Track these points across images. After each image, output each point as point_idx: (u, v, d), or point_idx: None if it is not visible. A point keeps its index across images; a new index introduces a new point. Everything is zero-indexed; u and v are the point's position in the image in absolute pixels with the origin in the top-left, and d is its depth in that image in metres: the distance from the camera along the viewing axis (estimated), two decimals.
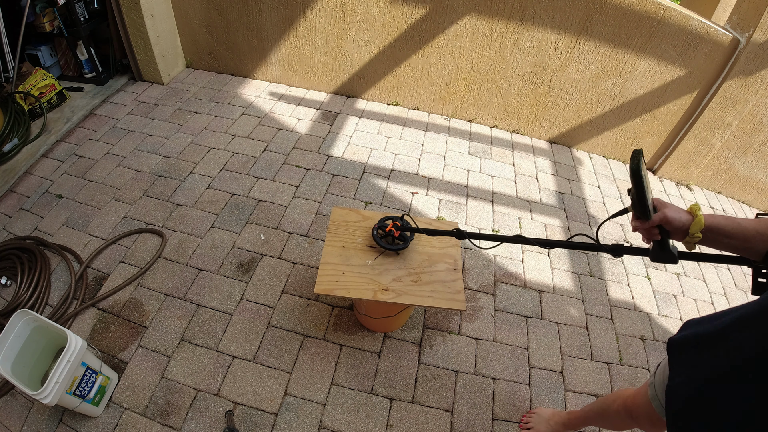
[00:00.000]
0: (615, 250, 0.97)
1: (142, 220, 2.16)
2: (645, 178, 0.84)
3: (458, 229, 1.26)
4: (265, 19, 2.89)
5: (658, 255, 0.90)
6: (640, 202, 0.85)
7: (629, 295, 2.20)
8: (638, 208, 0.87)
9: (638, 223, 0.89)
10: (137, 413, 1.52)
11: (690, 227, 0.84)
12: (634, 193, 0.86)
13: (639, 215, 0.88)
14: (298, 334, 1.80)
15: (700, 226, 0.83)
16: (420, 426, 1.59)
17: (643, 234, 0.90)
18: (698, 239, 0.85)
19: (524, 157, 2.97)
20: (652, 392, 1.01)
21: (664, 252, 0.89)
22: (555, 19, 2.57)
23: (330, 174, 2.56)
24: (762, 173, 2.97)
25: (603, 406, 1.31)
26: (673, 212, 0.85)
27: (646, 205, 0.85)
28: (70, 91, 2.88)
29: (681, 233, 0.86)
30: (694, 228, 0.84)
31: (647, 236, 0.90)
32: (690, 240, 0.86)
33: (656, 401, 0.99)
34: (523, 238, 1.12)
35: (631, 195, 0.88)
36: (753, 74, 2.49)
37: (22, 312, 1.36)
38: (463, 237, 1.24)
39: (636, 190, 0.85)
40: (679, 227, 0.85)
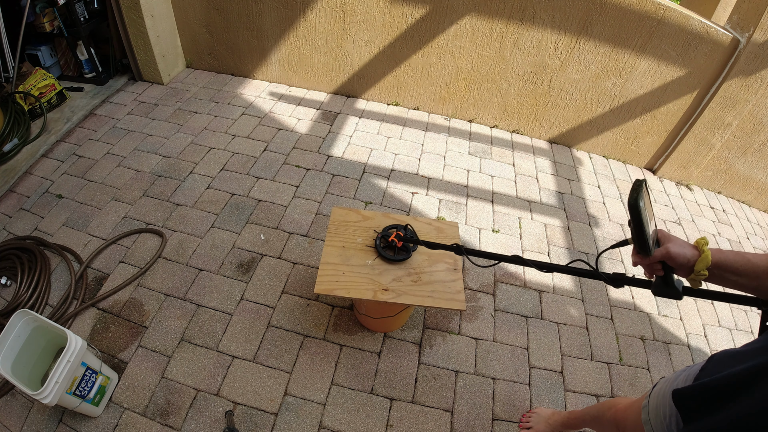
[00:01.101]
0: (615, 280, 0.92)
1: (142, 220, 2.16)
2: (644, 212, 0.78)
3: (458, 245, 1.26)
4: (265, 19, 2.89)
5: (660, 290, 0.83)
6: (639, 238, 0.80)
7: (629, 295, 2.20)
8: (637, 243, 0.81)
9: (638, 258, 0.83)
10: (137, 413, 1.52)
11: (696, 264, 0.78)
12: (633, 227, 0.80)
13: (639, 250, 0.82)
14: (298, 334, 1.80)
15: (706, 263, 0.77)
16: (420, 426, 1.59)
17: (645, 269, 0.85)
18: (704, 277, 0.78)
19: (524, 157, 2.97)
20: (645, 416, 0.95)
21: (667, 287, 0.82)
22: (555, 19, 2.57)
23: (330, 174, 2.56)
24: (762, 173, 2.97)
25: (599, 411, 1.31)
26: (677, 247, 0.79)
27: (645, 240, 0.79)
28: (70, 91, 2.88)
29: (686, 270, 0.80)
30: (700, 265, 0.77)
31: (649, 271, 0.84)
32: (695, 277, 0.79)
33: (648, 426, 0.93)
34: (521, 259, 1.08)
35: (631, 228, 0.82)
36: (753, 74, 2.49)
37: (22, 312, 1.36)
38: (461, 253, 1.23)
39: (634, 224, 0.79)
40: (684, 264, 0.79)
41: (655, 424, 0.91)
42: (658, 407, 0.91)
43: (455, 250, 1.25)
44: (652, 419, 0.93)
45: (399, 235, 1.50)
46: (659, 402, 0.91)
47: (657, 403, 0.92)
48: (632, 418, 1.04)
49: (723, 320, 2.22)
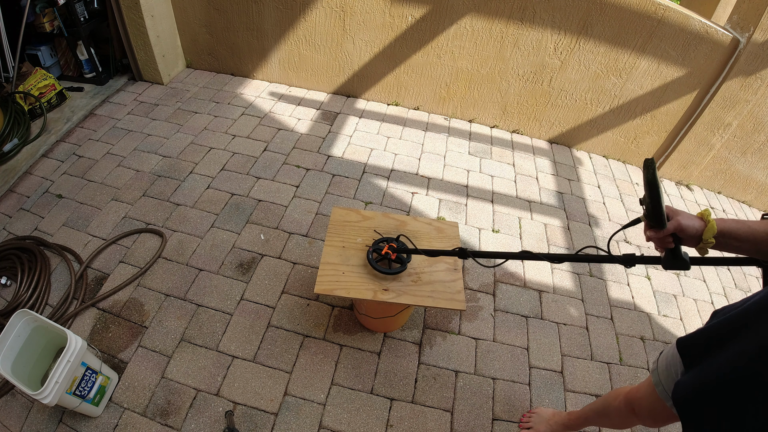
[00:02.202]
0: (627, 260, 0.96)
1: (142, 220, 2.16)
2: (660, 188, 0.85)
3: (461, 248, 1.22)
4: (265, 19, 2.89)
5: (670, 263, 0.90)
6: (656, 212, 0.85)
7: (629, 295, 2.20)
8: (653, 217, 0.86)
9: (652, 233, 0.89)
10: (137, 413, 1.52)
11: (703, 233, 0.85)
12: (649, 202, 0.86)
13: (653, 225, 0.87)
14: (298, 334, 1.80)
15: (713, 231, 0.84)
16: (420, 426, 1.59)
17: (657, 243, 0.90)
18: (712, 245, 0.85)
19: (524, 157, 2.97)
20: (655, 378, 1.02)
21: (676, 259, 0.89)
22: (555, 19, 2.57)
23: (330, 174, 2.56)
24: (762, 173, 2.97)
25: (604, 404, 1.32)
26: (686, 220, 0.86)
27: (661, 214, 0.85)
28: (70, 91, 2.88)
29: (694, 240, 0.87)
30: (708, 234, 0.84)
31: (661, 245, 0.90)
32: (703, 246, 0.86)
33: (660, 387, 1.00)
34: (530, 254, 1.09)
35: (645, 204, 0.87)
36: (753, 74, 2.49)
37: (22, 312, 1.36)
38: (466, 257, 1.20)
39: (651, 200, 0.85)
40: (693, 234, 0.86)
41: (666, 382, 0.97)
42: (669, 367, 0.97)
43: (459, 254, 1.22)
44: (662, 380, 0.99)
45: (392, 247, 1.45)
46: (669, 362, 0.98)
47: (666, 363, 0.98)
48: (646, 391, 1.08)
49: None
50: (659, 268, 2.38)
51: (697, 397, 0.81)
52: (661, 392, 0.99)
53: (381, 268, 1.46)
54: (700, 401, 0.81)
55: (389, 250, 1.44)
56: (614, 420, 1.27)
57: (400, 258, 1.48)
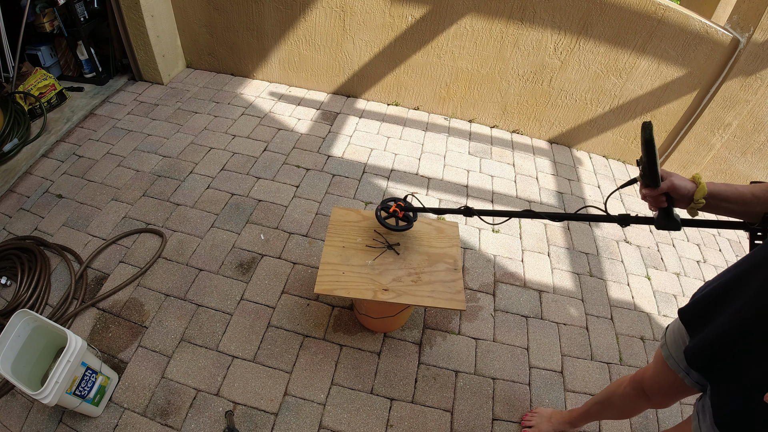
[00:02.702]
0: (622, 220, 1.03)
1: (142, 220, 2.16)
2: (656, 148, 0.89)
3: (467, 207, 1.29)
4: (265, 19, 2.89)
5: (662, 222, 0.95)
6: (651, 170, 0.89)
7: (629, 295, 2.20)
8: (649, 176, 0.90)
9: (648, 191, 0.94)
10: (137, 413, 1.52)
11: (694, 194, 0.90)
12: (645, 161, 0.90)
13: (649, 183, 0.92)
14: (298, 334, 1.80)
15: (703, 192, 0.89)
16: (420, 426, 1.59)
17: (651, 202, 0.95)
18: (702, 205, 0.91)
19: (524, 157, 2.97)
20: (665, 352, 1.04)
21: (668, 219, 0.94)
22: (555, 19, 2.57)
23: (330, 174, 2.56)
24: (762, 173, 2.97)
25: (607, 393, 1.32)
26: (679, 180, 0.91)
27: (656, 172, 0.89)
28: (70, 91, 2.88)
29: (686, 200, 0.92)
30: (698, 194, 0.89)
31: (654, 204, 0.95)
32: (694, 206, 0.92)
33: (671, 360, 1.02)
34: (533, 213, 1.16)
35: (641, 164, 0.92)
36: (753, 74, 2.49)
37: (22, 312, 1.36)
38: (471, 214, 1.26)
39: (648, 159, 0.89)
40: (685, 194, 0.91)
41: (677, 354, 1.01)
42: (677, 339, 1.01)
43: (464, 212, 1.28)
44: (672, 352, 1.02)
45: (400, 206, 1.51)
46: (675, 335, 1.02)
47: (674, 336, 1.03)
48: (653, 367, 1.12)
49: None
50: (660, 268, 2.38)
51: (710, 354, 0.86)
52: (672, 364, 1.02)
53: (389, 224, 1.51)
54: (714, 357, 0.85)
55: (397, 209, 1.49)
56: (619, 408, 1.28)
57: (407, 216, 1.53)
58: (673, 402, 1.14)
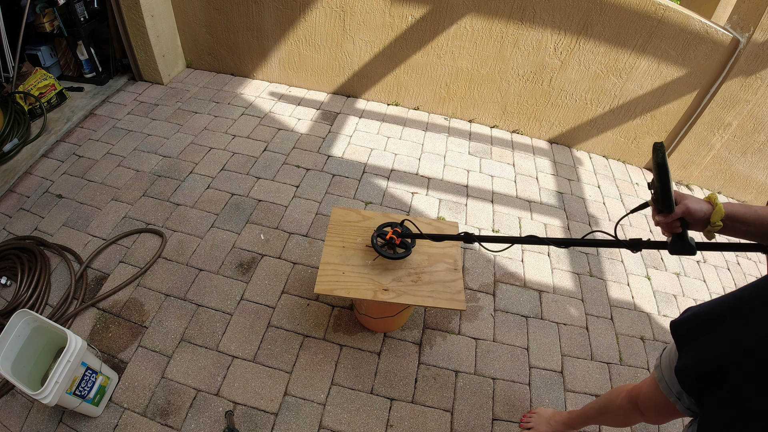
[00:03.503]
0: (633, 245, 0.96)
1: (142, 220, 2.16)
2: (669, 172, 0.84)
3: (466, 233, 1.21)
4: (265, 19, 2.89)
5: (677, 247, 0.89)
6: (664, 196, 0.84)
7: (629, 295, 2.20)
8: (662, 201, 0.85)
9: (661, 217, 0.88)
10: (137, 413, 1.52)
11: (711, 216, 0.85)
12: (658, 186, 0.84)
13: (662, 209, 0.87)
14: (298, 334, 1.80)
15: (720, 215, 0.83)
16: (420, 426, 1.59)
17: (664, 227, 0.90)
18: (719, 228, 0.85)
19: (524, 157, 2.97)
20: (659, 374, 1.02)
21: (683, 244, 0.88)
22: (555, 19, 2.57)
23: (330, 174, 2.56)
24: (762, 173, 2.97)
25: (606, 401, 1.32)
26: (694, 203, 0.85)
27: (670, 198, 0.84)
28: (70, 91, 2.88)
29: (702, 224, 0.86)
30: (715, 217, 0.84)
31: (668, 229, 0.90)
32: (711, 230, 0.86)
33: (663, 383, 1.00)
34: (537, 238, 1.09)
35: (653, 188, 0.86)
36: (753, 74, 2.49)
37: (22, 312, 1.36)
38: (471, 241, 1.19)
39: (660, 183, 0.84)
40: (701, 218, 0.85)
41: (669, 378, 0.98)
42: (671, 363, 0.97)
43: (464, 238, 1.21)
44: (665, 376, 0.99)
45: (396, 232, 1.45)
46: (671, 358, 0.98)
47: (669, 359, 0.99)
48: (649, 387, 1.09)
49: None
50: (660, 268, 2.38)
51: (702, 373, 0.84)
52: (664, 388, 1.00)
53: (386, 253, 1.44)
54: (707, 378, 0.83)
55: (393, 235, 1.43)
56: (617, 417, 1.28)
57: (404, 243, 1.46)
58: (667, 421, 1.12)
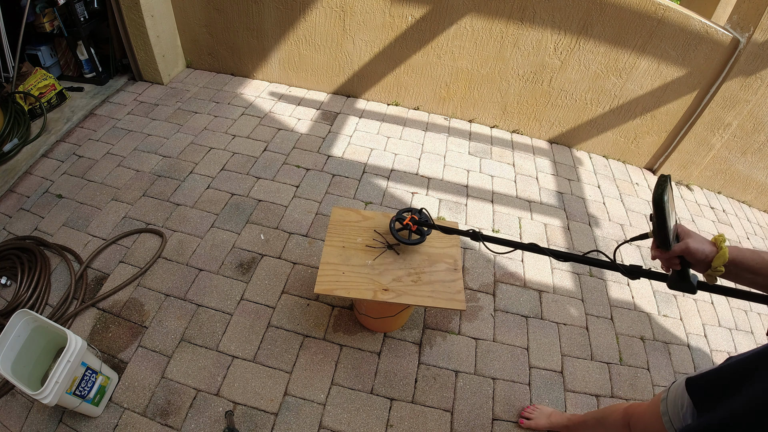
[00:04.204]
0: (631, 272, 0.93)
1: (142, 220, 2.16)
2: (667, 208, 0.79)
3: (474, 231, 1.25)
4: (265, 19, 2.89)
5: (676, 284, 0.86)
6: (660, 233, 0.81)
7: (629, 295, 2.20)
8: (658, 237, 0.82)
9: (658, 252, 0.85)
10: (137, 413, 1.52)
11: (713, 260, 0.79)
12: (655, 222, 0.81)
13: (659, 245, 0.83)
14: (298, 334, 1.80)
15: (723, 260, 0.78)
16: (420, 426, 1.59)
17: (663, 263, 0.87)
18: (721, 273, 0.80)
19: (524, 157, 2.97)
20: (663, 408, 0.99)
21: (683, 282, 0.85)
22: (555, 19, 2.57)
23: (330, 174, 2.56)
24: (762, 173, 2.97)
25: (604, 413, 1.32)
26: (696, 243, 0.80)
27: (666, 236, 0.80)
28: (70, 91, 2.88)
29: (703, 265, 0.81)
30: (718, 262, 0.79)
31: (667, 265, 0.87)
32: (712, 273, 0.81)
33: (666, 417, 0.97)
34: (538, 247, 1.08)
35: (652, 222, 0.83)
36: (753, 74, 2.49)
37: (22, 312, 1.36)
38: (478, 239, 1.23)
39: (657, 219, 0.80)
40: (702, 259, 0.80)
41: (673, 414, 0.95)
42: (677, 399, 0.95)
43: (471, 235, 1.25)
44: (670, 410, 0.96)
45: (414, 219, 1.49)
46: (678, 394, 0.95)
47: (675, 395, 0.96)
48: (650, 415, 1.06)
49: (723, 320, 2.22)
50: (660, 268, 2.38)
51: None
52: (666, 422, 0.97)
53: (401, 237, 1.51)
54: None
55: (410, 222, 1.48)
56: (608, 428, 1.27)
57: (420, 230, 1.52)
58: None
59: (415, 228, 1.50)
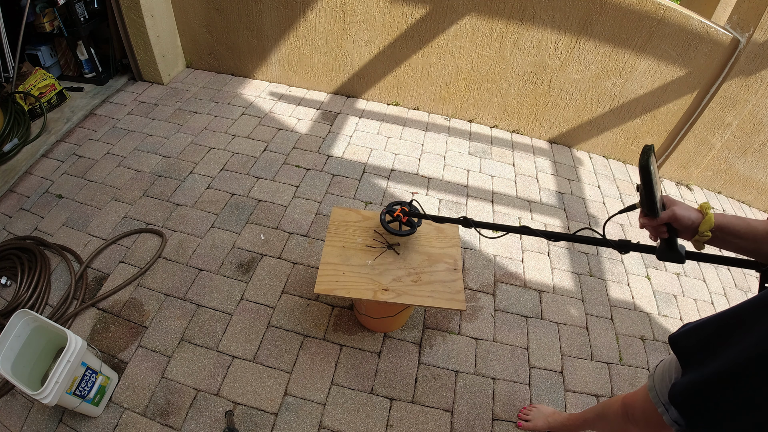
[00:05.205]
0: (621, 246, 0.96)
1: (142, 220, 2.16)
2: (654, 175, 0.82)
3: (465, 217, 1.28)
4: (265, 19, 2.89)
5: (664, 254, 0.88)
6: (648, 199, 0.83)
7: (629, 295, 2.20)
8: (646, 204, 0.84)
9: (646, 221, 0.87)
10: (137, 413, 1.52)
11: (699, 226, 0.82)
12: (642, 189, 0.83)
13: (647, 212, 0.85)
14: (298, 334, 1.80)
15: (710, 224, 0.80)
16: (420, 426, 1.59)
17: (651, 231, 0.88)
18: (707, 238, 0.82)
19: (524, 157, 2.97)
20: (650, 383, 1.01)
21: (671, 251, 0.87)
22: (555, 19, 2.57)
23: (330, 174, 2.56)
24: (762, 173, 2.97)
25: (604, 407, 1.32)
26: (682, 210, 0.83)
27: (654, 201, 0.82)
28: (70, 91, 2.88)
29: (690, 232, 0.83)
30: (704, 226, 0.81)
31: (655, 234, 0.88)
32: (699, 239, 0.83)
33: (653, 392, 0.99)
34: (529, 229, 1.11)
35: (639, 191, 0.85)
36: (753, 74, 2.49)
37: (22, 312, 1.36)
38: (469, 225, 1.25)
39: (644, 186, 0.82)
40: (689, 226, 0.82)
41: (660, 387, 0.96)
42: (664, 372, 0.96)
43: (462, 222, 1.27)
44: (656, 384, 0.98)
45: (404, 210, 1.50)
46: (665, 368, 0.97)
47: (663, 369, 0.98)
48: (641, 396, 1.07)
49: None
50: (660, 267, 2.38)
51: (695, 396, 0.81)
52: (653, 397, 0.98)
53: (392, 228, 1.51)
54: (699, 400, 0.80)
55: (401, 213, 1.49)
56: (612, 424, 1.27)
57: (411, 222, 1.53)
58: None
59: (406, 219, 1.51)
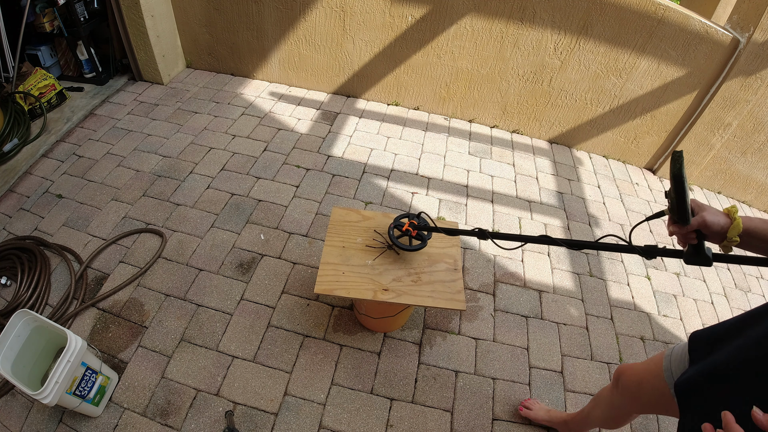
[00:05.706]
0: (648, 252, 0.94)
1: (142, 220, 2.16)
2: (685, 183, 0.82)
3: (480, 229, 1.21)
4: (265, 19, 2.89)
5: (692, 258, 0.88)
6: (680, 207, 0.82)
7: (629, 295, 2.20)
8: (677, 212, 0.83)
9: (676, 228, 0.86)
10: (137, 413, 1.52)
11: (728, 231, 0.82)
12: (674, 197, 0.83)
13: (677, 220, 0.85)
14: (298, 334, 1.80)
15: (738, 230, 0.81)
16: (420, 426, 1.59)
17: (680, 238, 0.88)
18: (736, 243, 0.83)
19: (524, 157, 2.97)
20: (666, 363, 0.99)
21: (699, 256, 0.87)
22: (555, 19, 2.57)
23: (330, 174, 2.56)
24: (762, 173, 2.97)
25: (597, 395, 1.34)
26: (711, 216, 0.83)
27: (686, 210, 0.82)
28: (70, 91, 2.88)
29: (719, 237, 0.84)
30: (733, 232, 0.82)
31: (684, 240, 0.88)
32: (727, 244, 0.84)
33: (668, 372, 0.98)
34: (550, 239, 1.08)
35: (669, 198, 0.84)
36: (753, 74, 2.49)
37: (22, 312, 1.36)
38: (485, 237, 1.19)
39: (677, 194, 0.82)
40: (717, 231, 0.83)
41: (676, 370, 0.96)
42: (683, 355, 0.95)
43: (477, 234, 1.21)
44: (673, 366, 0.97)
45: (413, 224, 1.45)
46: (685, 352, 0.96)
47: (682, 352, 0.97)
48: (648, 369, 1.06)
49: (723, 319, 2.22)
50: (660, 267, 2.38)
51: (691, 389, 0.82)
52: (668, 377, 0.98)
53: (402, 244, 1.47)
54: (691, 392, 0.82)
55: (410, 227, 1.44)
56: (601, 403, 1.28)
57: (421, 235, 1.47)
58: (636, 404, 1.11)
59: (415, 233, 1.46)
